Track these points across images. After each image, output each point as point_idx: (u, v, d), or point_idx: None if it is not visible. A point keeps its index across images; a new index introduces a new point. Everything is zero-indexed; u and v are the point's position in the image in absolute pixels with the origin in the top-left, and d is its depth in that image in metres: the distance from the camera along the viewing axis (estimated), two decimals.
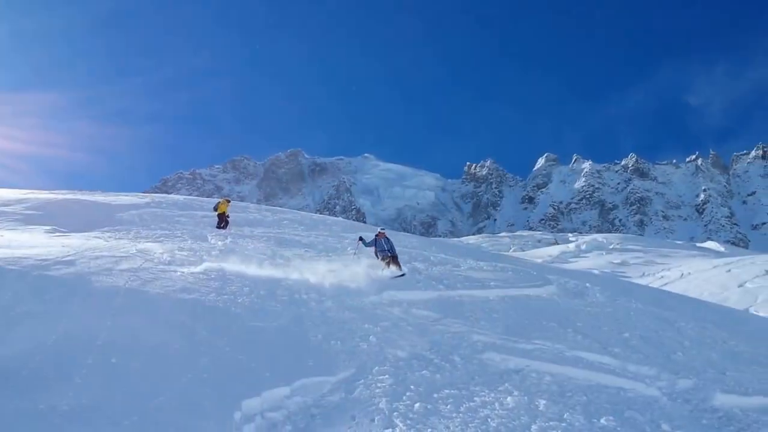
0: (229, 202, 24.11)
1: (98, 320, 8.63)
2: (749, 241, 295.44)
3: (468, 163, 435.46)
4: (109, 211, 21.77)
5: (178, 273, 12.23)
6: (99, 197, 26.68)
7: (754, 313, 29.62)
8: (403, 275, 15.52)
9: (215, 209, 23.30)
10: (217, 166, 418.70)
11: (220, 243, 17.54)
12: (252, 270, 13.84)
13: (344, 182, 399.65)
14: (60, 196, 24.75)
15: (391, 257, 16.32)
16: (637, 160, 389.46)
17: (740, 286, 38.45)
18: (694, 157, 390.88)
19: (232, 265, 13.93)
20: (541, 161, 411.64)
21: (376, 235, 16.97)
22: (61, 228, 16.98)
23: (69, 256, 12.14)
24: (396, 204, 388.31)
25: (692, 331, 14.22)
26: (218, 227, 22.08)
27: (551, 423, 7.28)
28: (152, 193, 35.65)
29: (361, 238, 17.58)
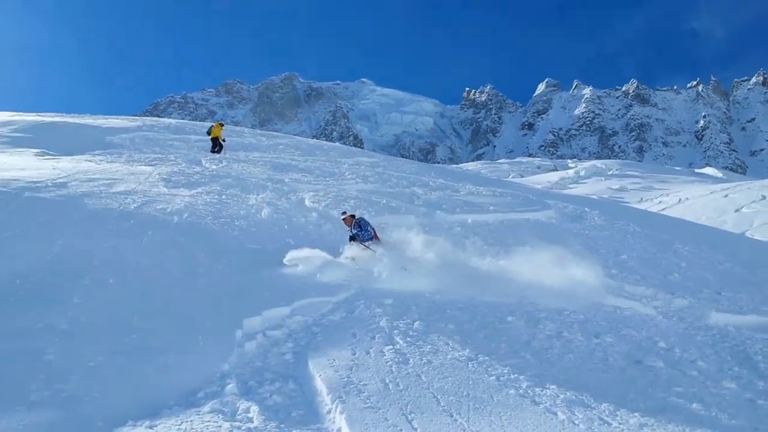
0: (222, 125, 23.71)
1: (93, 242, 8.55)
2: (747, 167, 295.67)
3: (467, 88, 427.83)
4: (100, 134, 21.41)
5: (173, 196, 12.09)
6: (88, 120, 26.20)
7: (750, 237, 29.82)
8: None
9: (209, 133, 22.94)
10: (209, 90, 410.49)
11: (214, 167, 17.33)
12: (248, 194, 13.71)
13: (341, 108, 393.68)
14: (48, 119, 24.28)
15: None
16: (638, 86, 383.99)
17: (737, 211, 38.54)
18: (695, 83, 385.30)
19: (228, 189, 13.78)
20: (541, 87, 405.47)
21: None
22: (50, 151, 16.71)
23: (61, 178, 11.97)
24: (394, 130, 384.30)
25: (688, 253, 14.25)
26: (212, 151, 21.79)
27: (551, 341, 7.33)
28: (143, 117, 35.11)
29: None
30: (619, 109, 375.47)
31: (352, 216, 11.07)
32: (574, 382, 6.16)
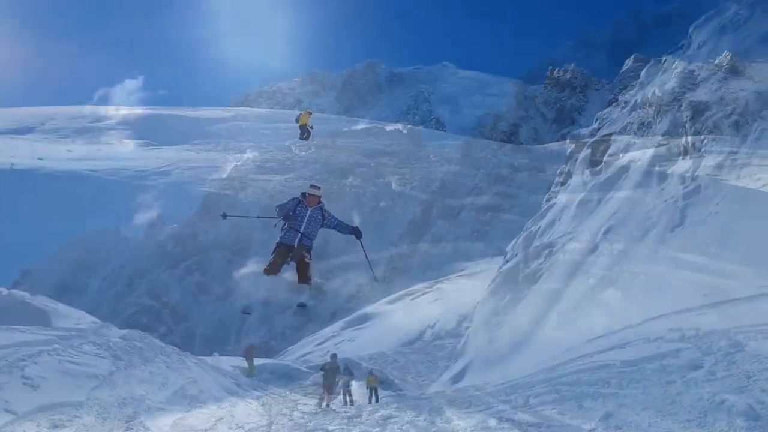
0: (310, 113, 24.18)
1: (195, 224, 9.10)
2: None
3: (550, 68, 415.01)
4: (198, 125, 22.56)
5: (267, 182, 12.60)
6: (187, 112, 27.52)
7: None
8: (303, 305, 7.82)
9: (297, 121, 23.53)
10: (296, 79, 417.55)
11: (303, 153, 17.86)
12: (336, 178, 14.06)
13: (422, 92, 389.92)
14: (149, 111, 25.70)
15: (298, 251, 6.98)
16: (731, 59, 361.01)
17: None
18: None
19: (317, 174, 14.19)
20: (628, 63, 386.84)
21: (304, 195, 7.03)
22: (152, 141, 17.74)
23: (164, 167, 12.76)
24: (476, 112, 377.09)
25: None
26: (301, 138, 22.36)
27: (648, 321, 7.21)
28: (236, 108, 36.39)
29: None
30: (712, 83, 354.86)
31: (313, 194, 6.97)
32: (668, 358, 6.07)
